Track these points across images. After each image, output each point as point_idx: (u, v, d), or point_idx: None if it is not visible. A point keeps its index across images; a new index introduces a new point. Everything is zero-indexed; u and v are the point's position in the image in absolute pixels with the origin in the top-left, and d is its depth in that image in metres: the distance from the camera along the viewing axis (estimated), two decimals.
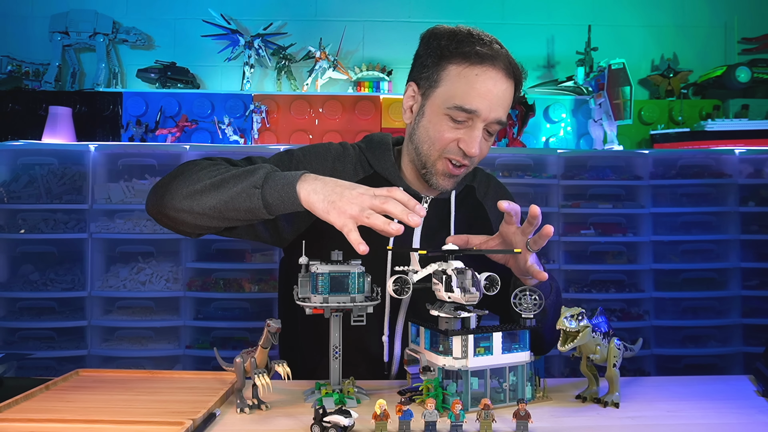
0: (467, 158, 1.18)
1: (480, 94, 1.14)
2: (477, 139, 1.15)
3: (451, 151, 1.18)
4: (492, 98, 1.14)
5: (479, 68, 1.14)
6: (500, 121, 1.18)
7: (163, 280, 2.36)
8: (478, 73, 1.14)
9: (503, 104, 1.17)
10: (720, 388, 1.10)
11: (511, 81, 1.17)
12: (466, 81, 1.14)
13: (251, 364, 0.98)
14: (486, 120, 1.15)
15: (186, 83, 2.68)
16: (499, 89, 1.15)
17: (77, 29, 2.65)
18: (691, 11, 2.88)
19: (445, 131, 1.17)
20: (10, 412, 0.93)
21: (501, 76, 1.15)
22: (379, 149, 1.29)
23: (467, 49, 1.15)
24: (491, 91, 1.14)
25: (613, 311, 2.43)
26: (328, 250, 1.04)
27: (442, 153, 1.19)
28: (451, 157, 1.18)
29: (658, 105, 2.74)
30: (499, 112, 1.16)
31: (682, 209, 2.45)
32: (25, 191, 2.34)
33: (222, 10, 2.73)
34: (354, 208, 0.97)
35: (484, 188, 1.38)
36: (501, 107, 1.16)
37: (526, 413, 0.86)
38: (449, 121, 1.16)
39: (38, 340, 2.31)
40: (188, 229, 1.17)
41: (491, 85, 1.14)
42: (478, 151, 1.16)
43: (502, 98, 1.16)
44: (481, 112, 1.14)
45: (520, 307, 1.02)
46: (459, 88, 1.15)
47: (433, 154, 1.20)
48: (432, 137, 1.19)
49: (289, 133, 2.66)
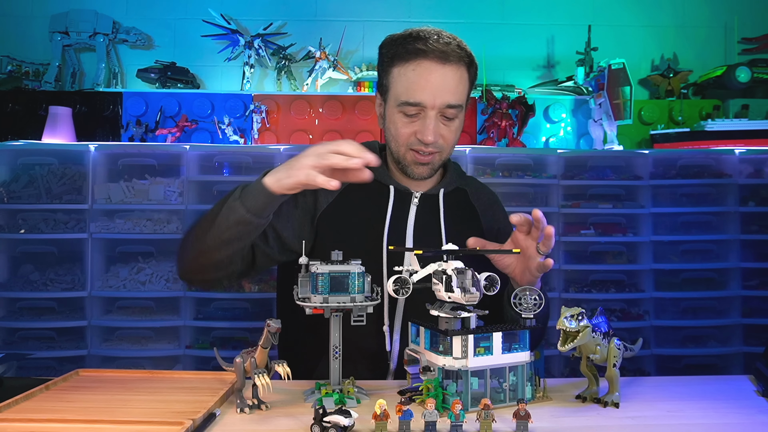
0: (429, 146, 1.27)
1: (420, 87, 1.23)
2: (430, 126, 1.25)
3: (413, 143, 1.28)
4: (432, 87, 1.23)
5: (414, 63, 1.24)
6: (450, 105, 1.25)
7: (163, 280, 2.36)
8: (414, 68, 1.24)
9: (447, 89, 1.24)
10: (720, 388, 1.10)
11: (451, 65, 1.24)
12: (406, 78, 1.25)
13: (251, 364, 0.98)
14: (434, 107, 1.24)
15: (186, 83, 2.68)
16: (437, 77, 1.23)
17: (77, 29, 2.65)
18: (691, 11, 2.88)
19: (401, 127, 1.28)
20: (10, 412, 0.93)
21: (435, 65, 1.23)
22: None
23: (401, 50, 1.26)
24: (429, 81, 1.23)
25: (613, 311, 2.43)
26: (328, 250, 1.04)
27: (407, 146, 1.29)
28: (415, 148, 1.28)
29: (658, 105, 2.74)
30: (445, 97, 1.24)
31: (682, 209, 2.45)
32: (25, 191, 2.34)
33: (222, 10, 2.73)
34: (309, 159, 1.09)
35: (476, 194, 1.46)
36: (446, 92, 1.24)
37: (526, 413, 0.86)
38: (403, 117, 1.27)
39: (38, 340, 2.31)
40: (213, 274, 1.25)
41: (428, 76, 1.24)
42: (432, 137, 1.25)
43: (444, 84, 1.24)
44: (425, 102, 1.24)
45: (520, 307, 1.02)
46: (402, 85, 1.26)
47: (399, 149, 1.31)
48: (394, 135, 1.30)
49: (289, 133, 2.66)
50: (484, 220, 1.42)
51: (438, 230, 1.33)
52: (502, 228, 1.43)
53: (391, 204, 1.33)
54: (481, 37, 2.82)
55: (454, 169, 1.46)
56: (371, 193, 1.34)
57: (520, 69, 2.83)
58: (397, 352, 1.28)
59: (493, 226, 1.43)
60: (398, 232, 1.32)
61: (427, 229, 1.33)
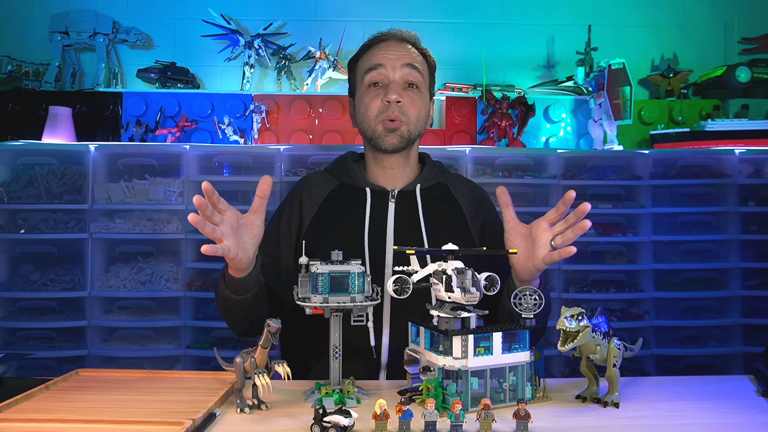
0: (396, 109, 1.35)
1: (380, 55, 1.38)
2: (394, 87, 1.36)
3: (382, 110, 1.36)
4: (391, 54, 1.37)
5: (373, 47, 1.41)
6: (411, 65, 1.37)
7: (163, 280, 2.36)
8: (372, 50, 1.41)
9: (405, 55, 1.38)
10: (720, 388, 1.10)
11: (407, 44, 1.41)
12: (368, 57, 1.41)
13: (251, 364, 0.98)
14: (394, 69, 1.36)
15: (186, 83, 2.68)
16: (395, 48, 1.39)
17: (77, 29, 2.65)
18: (691, 11, 2.88)
19: (370, 100, 1.38)
20: (10, 412, 0.93)
21: (393, 42, 1.40)
22: (340, 163, 1.48)
23: (364, 46, 1.44)
24: (389, 50, 1.38)
25: (613, 311, 2.43)
26: (327, 250, 1.04)
27: (377, 117, 1.37)
28: (384, 116, 1.36)
29: (658, 105, 2.74)
30: (405, 59, 1.37)
31: (682, 209, 2.45)
32: (25, 191, 2.34)
33: (222, 10, 2.73)
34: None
35: (458, 188, 1.48)
36: (404, 57, 1.38)
37: (526, 413, 0.86)
38: (370, 90, 1.38)
39: (38, 340, 2.31)
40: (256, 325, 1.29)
41: (386, 47, 1.39)
42: (396, 95, 1.34)
43: (402, 52, 1.38)
44: (386, 63, 1.36)
45: (520, 307, 1.02)
46: (365, 63, 1.41)
47: (371, 122, 1.38)
48: (364, 113, 1.39)
49: (289, 133, 2.66)
50: (468, 213, 1.43)
51: (417, 225, 1.35)
52: (487, 220, 1.44)
53: (368, 205, 1.36)
54: (481, 37, 2.82)
55: (433, 166, 1.48)
56: (349, 199, 1.39)
57: (520, 69, 2.83)
58: (387, 347, 1.29)
59: (478, 219, 1.43)
60: (379, 231, 1.34)
61: (407, 226, 1.36)
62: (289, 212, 1.43)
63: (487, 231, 1.43)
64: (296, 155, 2.42)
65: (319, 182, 1.45)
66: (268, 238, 1.40)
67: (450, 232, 1.27)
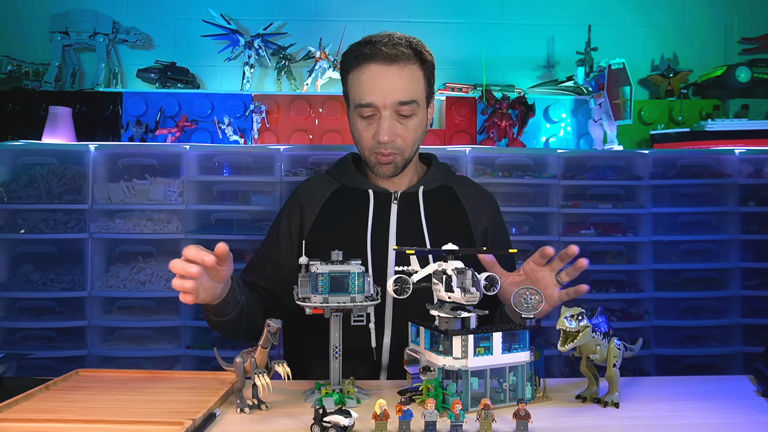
0: (388, 147, 1.30)
1: (369, 89, 1.28)
2: (383, 126, 1.29)
3: (374, 147, 1.32)
4: (381, 88, 1.27)
5: (362, 68, 1.29)
6: (402, 102, 1.28)
7: (163, 280, 2.36)
8: (362, 72, 1.29)
9: (397, 88, 1.28)
10: (720, 388, 1.10)
11: (397, 65, 1.28)
12: (357, 83, 1.30)
13: (251, 364, 0.98)
14: (386, 107, 1.28)
15: (186, 83, 2.68)
16: (384, 77, 1.27)
17: (77, 29, 2.65)
18: (691, 11, 2.88)
19: (361, 131, 1.34)
20: (10, 412, 0.93)
21: (382, 66, 1.27)
22: (340, 165, 1.47)
23: (352, 57, 1.32)
24: (378, 83, 1.27)
25: (613, 311, 2.43)
26: (328, 249, 1.04)
27: (370, 150, 1.33)
28: (376, 152, 1.32)
29: (658, 105, 2.74)
30: (396, 96, 1.27)
31: (682, 209, 2.45)
32: (25, 191, 2.34)
33: (222, 10, 2.73)
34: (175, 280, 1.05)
35: (464, 191, 1.46)
36: (396, 92, 1.27)
37: (526, 413, 0.86)
38: (361, 120, 1.33)
39: (38, 340, 2.31)
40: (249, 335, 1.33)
41: (376, 78, 1.28)
42: (387, 137, 1.28)
43: (391, 83, 1.27)
44: (376, 103, 1.28)
45: (520, 307, 1.02)
46: (355, 90, 1.31)
47: (364, 152, 1.36)
48: (356, 139, 1.36)
49: (289, 133, 2.66)
50: (472, 218, 1.42)
51: (420, 228, 1.34)
52: (490, 226, 1.43)
53: (371, 207, 1.35)
54: (481, 37, 2.82)
55: (438, 168, 1.47)
56: (351, 201, 1.38)
57: (520, 69, 2.83)
58: (388, 348, 1.29)
59: (482, 224, 1.43)
60: (381, 233, 1.33)
61: (410, 228, 1.35)
62: (289, 216, 1.42)
63: (489, 238, 1.43)
64: (296, 155, 2.42)
65: (319, 185, 1.45)
66: (269, 241, 1.42)
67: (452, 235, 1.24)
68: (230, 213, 2.39)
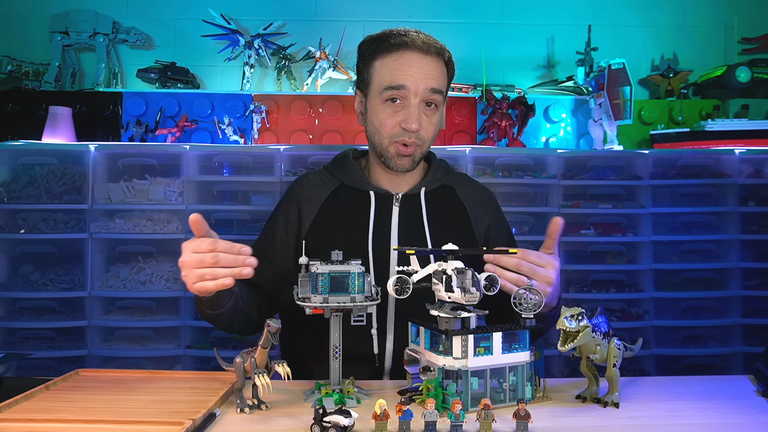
0: (413, 136, 1.29)
1: (403, 72, 1.27)
2: (414, 114, 1.27)
3: (397, 134, 1.29)
4: (415, 73, 1.27)
5: (396, 54, 1.29)
6: (434, 89, 1.28)
7: (163, 280, 2.36)
8: (396, 58, 1.29)
9: (429, 76, 1.28)
10: (720, 388, 1.10)
11: (431, 57, 1.29)
12: (388, 67, 1.29)
13: (251, 364, 0.98)
14: (417, 93, 1.27)
15: (186, 83, 2.68)
16: (419, 65, 1.28)
17: (77, 29, 2.65)
18: (691, 11, 2.88)
19: (385, 117, 1.30)
20: (10, 412, 0.93)
21: (417, 55, 1.28)
22: (340, 162, 1.43)
23: (384, 44, 1.30)
24: (412, 68, 1.27)
25: (613, 311, 2.43)
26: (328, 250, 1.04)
27: (391, 138, 1.30)
28: (398, 140, 1.30)
29: (658, 105, 2.74)
30: (429, 82, 1.28)
31: (682, 209, 2.45)
32: (25, 191, 2.34)
33: (222, 10, 2.73)
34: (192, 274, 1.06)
35: (465, 190, 1.45)
36: (428, 78, 1.28)
37: (526, 413, 0.86)
38: (387, 106, 1.30)
39: (38, 340, 2.31)
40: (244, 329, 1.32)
41: (411, 63, 1.28)
42: (417, 125, 1.27)
43: (426, 71, 1.28)
44: (409, 86, 1.27)
45: (520, 307, 1.02)
46: (385, 74, 1.29)
47: (383, 141, 1.32)
48: (377, 126, 1.32)
49: (289, 133, 2.66)
50: (474, 217, 1.41)
51: (422, 229, 1.33)
52: (492, 225, 1.43)
53: (372, 209, 1.34)
54: (481, 37, 2.82)
55: (438, 167, 1.45)
56: (352, 202, 1.36)
57: (520, 69, 2.83)
58: (391, 353, 1.28)
59: (483, 223, 1.42)
60: (383, 235, 1.32)
61: (412, 230, 1.34)
62: (286, 213, 1.39)
63: (492, 236, 1.42)
64: (296, 155, 2.42)
65: (317, 182, 1.41)
66: (264, 239, 1.40)
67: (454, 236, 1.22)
68: (230, 213, 2.39)
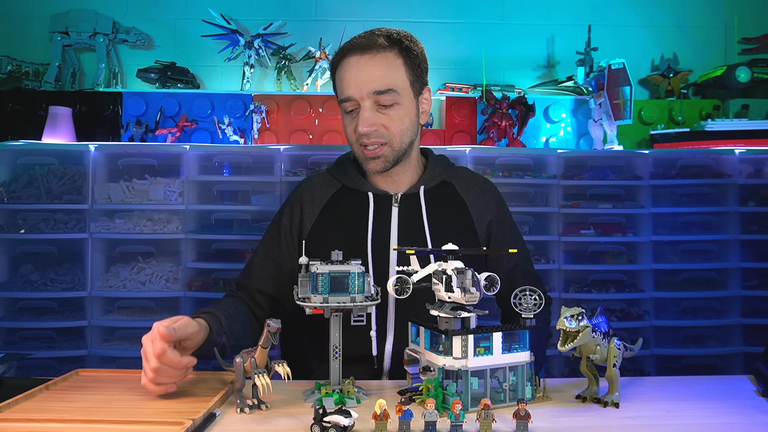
0: (371, 136, 1.29)
1: (347, 83, 1.30)
2: (363, 117, 1.29)
3: (358, 139, 1.32)
4: (356, 79, 1.28)
5: (341, 64, 1.32)
6: (378, 91, 1.28)
7: (163, 280, 2.36)
8: (341, 69, 1.32)
9: (371, 78, 1.28)
10: (720, 388, 1.10)
11: (373, 53, 1.28)
12: (338, 80, 1.34)
13: (251, 364, 0.98)
14: (363, 98, 1.28)
15: (186, 83, 2.68)
16: (359, 68, 1.28)
17: (77, 29, 2.65)
18: (691, 11, 2.88)
19: (348, 125, 1.35)
20: (10, 412, 0.93)
21: (356, 58, 1.29)
22: (341, 165, 1.45)
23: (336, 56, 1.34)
24: (352, 74, 1.29)
25: (613, 311, 2.43)
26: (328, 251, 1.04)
27: (356, 144, 1.33)
28: (361, 143, 1.32)
29: (658, 105, 2.74)
30: (370, 86, 1.27)
31: (682, 209, 2.45)
32: (25, 191, 2.34)
33: (222, 10, 2.73)
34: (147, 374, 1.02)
35: (464, 185, 1.43)
36: (370, 81, 1.27)
37: (526, 413, 0.86)
38: (347, 117, 1.34)
39: (38, 340, 2.31)
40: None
41: (350, 70, 1.29)
42: (365, 127, 1.28)
43: (367, 73, 1.28)
44: (353, 95, 1.29)
45: (520, 307, 1.02)
46: (337, 88, 1.35)
47: (353, 147, 1.36)
48: (347, 137, 1.37)
49: (289, 133, 2.66)
50: (475, 213, 1.40)
51: (422, 229, 1.33)
52: (495, 219, 1.42)
53: (371, 210, 1.34)
54: (481, 37, 2.82)
55: (436, 163, 1.44)
56: (352, 204, 1.36)
57: (520, 69, 2.83)
58: (390, 354, 1.28)
59: (485, 218, 1.41)
60: (382, 236, 1.32)
61: (411, 230, 1.33)
62: (290, 215, 1.40)
63: (494, 230, 1.42)
64: (296, 155, 2.42)
65: (320, 184, 1.43)
66: (270, 241, 1.40)
67: (455, 234, 1.23)
68: (230, 213, 2.39)
